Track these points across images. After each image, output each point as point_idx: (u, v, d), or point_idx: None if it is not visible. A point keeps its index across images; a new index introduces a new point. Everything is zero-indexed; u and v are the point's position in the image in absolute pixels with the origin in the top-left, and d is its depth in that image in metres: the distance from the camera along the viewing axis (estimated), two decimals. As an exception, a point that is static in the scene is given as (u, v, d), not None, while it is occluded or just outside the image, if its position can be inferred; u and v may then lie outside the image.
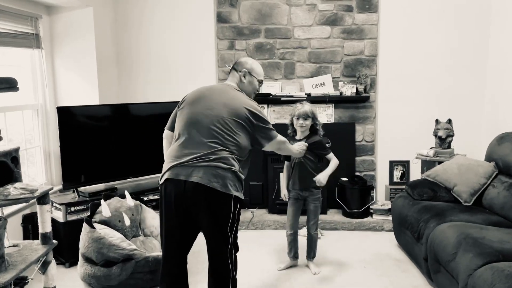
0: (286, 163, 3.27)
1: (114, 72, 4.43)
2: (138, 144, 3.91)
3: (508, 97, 3.89)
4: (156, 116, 4.04)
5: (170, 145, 2.38)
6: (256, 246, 3.72)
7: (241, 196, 2.26)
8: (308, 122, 3.09)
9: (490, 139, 3.57)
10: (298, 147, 2.92)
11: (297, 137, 3.14)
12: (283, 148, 2.60)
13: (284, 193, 3.25)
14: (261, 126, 2.35)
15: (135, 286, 2.88)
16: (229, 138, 2.23)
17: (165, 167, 2.26)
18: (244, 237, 3.96)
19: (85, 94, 3.96)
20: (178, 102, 2.37)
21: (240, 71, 2.51)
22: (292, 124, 3.16)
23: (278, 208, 4.30)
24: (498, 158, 3.33)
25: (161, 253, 2.98)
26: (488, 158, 3.48)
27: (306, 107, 3.08)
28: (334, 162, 3.16)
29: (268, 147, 2.44)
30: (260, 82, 2.58)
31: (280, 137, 2.50)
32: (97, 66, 3.96)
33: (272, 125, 4.77)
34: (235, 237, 2.31)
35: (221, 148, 2.20)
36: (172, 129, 2.44)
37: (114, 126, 3.77)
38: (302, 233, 4.01)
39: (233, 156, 2.22)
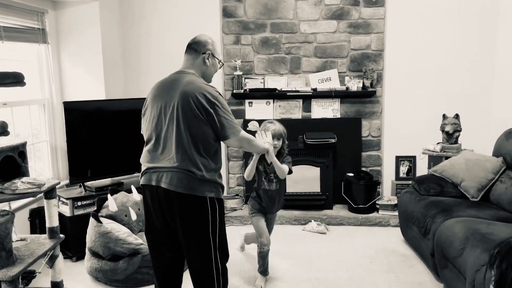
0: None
1: (120, 67, 4.43)
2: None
3: (516, 91, 3.85)
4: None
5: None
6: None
7: (218, 195, 2.11)
8: (280, 143, 2.87)
9: (498, 134, 3.53)
10: (265, 142, 2.66)
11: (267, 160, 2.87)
12: (252, 144, 2.35)
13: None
14: (219, 114, 2.06)
15: (141, 280, 2.89)
16: (191, 135, 2.03)
17: (141, 172, 2.20)
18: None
19: (91, 89, 3.96)
20: None
21: (204, 53, 2.23)
22: None
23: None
24: (506, 153, 3.31)
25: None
26: (496, 153, 3.45)
27: (279, 126, 2.89)
28: (284, 166, 2.88)
29: (233, 141, 2.15)
30: (221, 63, 2.33)
31: (244, 132, 2.21)
32: (103, 61, 3.96)
33: (278, 120, 4.75)
34: (222, 243, 2.15)
35: (186, 148, 2.02)
36: None
37: (120, 121, 3.77)
38: (308, 228, 4.01)
39: (200, 155, 2.04)
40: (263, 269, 2.99)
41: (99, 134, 3.65)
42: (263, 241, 2.94)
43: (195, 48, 2.25)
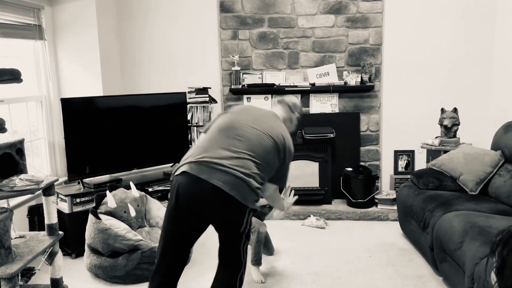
0: None
1: (118, 63, 4.42)
2: (143, 135, 3.91)
3: (514, 85, 3.85)
4: (160, 107, 4.04)
5: None
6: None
7: (256, 207, 2.21)
8: None
9: (496, 128, 3.53)
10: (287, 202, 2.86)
11: None
12: (275, 200, 2.50)
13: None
14: (287, 166, 2.33)
15: (141, 276, 2.89)
16: (262, 156, 2.16)
17: (186, 159, 2.14)
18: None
19: (89, 85, 3.95)
20: (182, 92, 2.32)
21: (294, 112, 2.56)
22: None
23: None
24: (505, 146, 3.31)
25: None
26: (494, 147, 3.46)
27: None
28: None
29: (272, 188, 2.34)
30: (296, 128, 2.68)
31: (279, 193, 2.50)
32: (100, 57, 3.95)
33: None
34: (248, 237, 2.25)
35: (251, 161, 2.12)
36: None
37: (118, 118, 3.76)
38: (307, 223, 4.02)
39: (260, 175, 2.15)
40: (258, 257, 2.98)
41: (97, 131, 3.63)
42: (261, 224, 3.01)
43: (291, 107, 2.57)
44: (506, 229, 1.33)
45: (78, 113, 3.51)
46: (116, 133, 3.75)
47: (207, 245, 3.54)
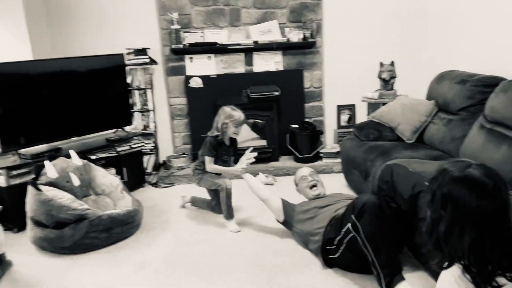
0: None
1: (45, 24, 4.10)
2: (80, 101, 3.72)
3: (446, 38, 4.02)
4: (98, 70, 3.84)
5: None
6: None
7: None
8: (240, 130, 3.22)
9: (430, 79, 3.70)
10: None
11: (226, 143, 3.23)
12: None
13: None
14: None
15: (90, 245, 2.84)
16: None
17: None
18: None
19: (15, 49, 3.65)
20: (119, 54, 2.16)
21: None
22: (222, 129, 3.11)
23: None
24: (438, 96, 3.49)
25: (115, 211, 2.95)
26: (429, 97, 3.64)
27: (241, 113, 3.14)
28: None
29: None
30: None
31: None
32: (26, 18, 3.64)
33: (220, 75, 4.73)
34: None
35: None
36: None
37: (52, 83, 3.54)
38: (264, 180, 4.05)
39: None
40: (230, 211, 3.14)
41: (30, 98, 3.40)
42: (226, 181, 3.13)
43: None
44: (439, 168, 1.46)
45: (6, 80, 3.26)
46: (51, 99, 3.54)
47: (157, 210, 3.51)
